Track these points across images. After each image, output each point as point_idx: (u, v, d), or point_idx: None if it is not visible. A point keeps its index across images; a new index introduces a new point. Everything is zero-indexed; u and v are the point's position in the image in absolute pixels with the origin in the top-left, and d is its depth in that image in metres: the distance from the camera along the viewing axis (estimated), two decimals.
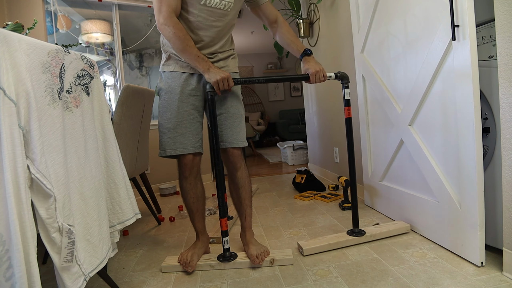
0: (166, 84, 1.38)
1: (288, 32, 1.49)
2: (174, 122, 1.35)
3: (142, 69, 3.62)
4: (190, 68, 1.37)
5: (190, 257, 1.37)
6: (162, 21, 1.24)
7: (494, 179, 1.24)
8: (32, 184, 0.79)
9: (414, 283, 1.14)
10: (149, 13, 3.28)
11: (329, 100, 2.86)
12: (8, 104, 0.73)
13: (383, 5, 1.72)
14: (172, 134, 1.35)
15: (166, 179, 3.11)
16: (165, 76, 1.40)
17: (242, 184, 1.45)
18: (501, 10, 1.08)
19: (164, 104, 1.37)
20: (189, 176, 1.41)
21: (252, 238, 1.46)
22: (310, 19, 3.13)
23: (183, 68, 1.37)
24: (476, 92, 1.17)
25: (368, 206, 2.10)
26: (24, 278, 0.72)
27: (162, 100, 1.39)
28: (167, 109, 1.36)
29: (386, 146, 1.82)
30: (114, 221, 1.19)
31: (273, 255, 1.38)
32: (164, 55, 1.43)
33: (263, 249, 1.38)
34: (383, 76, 1.80)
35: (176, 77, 1.37)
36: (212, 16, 1.31)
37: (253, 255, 1.35)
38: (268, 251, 1.40)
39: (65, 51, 0.96)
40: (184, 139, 1.35)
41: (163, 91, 1.38)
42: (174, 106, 1.35)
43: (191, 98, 1.37)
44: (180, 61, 1.37)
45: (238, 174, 1.44)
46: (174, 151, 1.36)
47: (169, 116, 1.35)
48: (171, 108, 1.35)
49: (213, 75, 1.27)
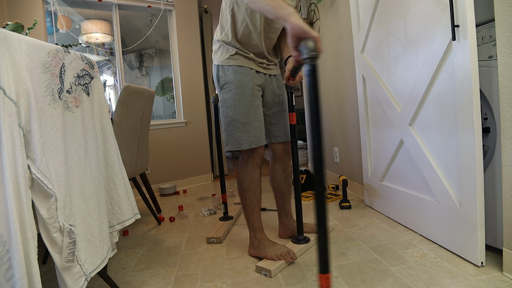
0: (236, 78, 1.37)
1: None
2: (248, 116, 1.36)
3: (142, 69, 3.63)
4: (257, 65, 1.42)
5: (282, 249, 1.37)
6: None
7: (494, 179, 1.24)
8: (33, 184, 0.79)
9: (414, 283, 1.14)
10: (149, 13, 3.29)
11: (329, 100, 2.86)
12: (8, 104, 0.73)
13: (383, 5, 1.72)
14: (246, 128, 1.36)
15: (166, 179, 3.11)
16: (232, 70, 1.38)
17: (290, 173, 1.60)
18: (501, 10, 1.08)
19: (237, 98, 1.36)
20: (260, 165, 1.44)
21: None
22: (310, 19, 3.13)
23: (251, 64, 1.40)
24: (476, 92, 1.17)
25: (368, 206, 2.10)
26: (24, 278, 0.72)
27: (232, 94, 1.37)
28: (240, 104, 1.36)
29: (386, 146, 1.82)
30: (114, 221, 1.19)
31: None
32: (225, 48, 1.40)
33: (310, 224, 1.66)
34: (383, 76, 1.80)
35: (247, 72, 1.38)
36: (272, 24, 1.37)
37: (313, 225, 1.64)
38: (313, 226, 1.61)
39: (65, 51, 0.96)
40: (257, 132, 1.39)
41: (233, 85, 1.36)
42: (247, 101, 1.36)
43: (258, 93, 1.43)
44: (247, 57, 1.39)
45: (290, 163, 1.59)
46: (249, 144, 1.37)
47: (242, 110, 1.36)
48: (244, 102, 1.36)
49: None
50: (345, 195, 2.16)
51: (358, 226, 1.76)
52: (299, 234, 1.54)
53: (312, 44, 0.79)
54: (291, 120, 1.47)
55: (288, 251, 1.36)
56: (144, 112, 1.97)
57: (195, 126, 3.35)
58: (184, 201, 2.66)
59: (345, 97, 2.51)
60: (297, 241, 1.53)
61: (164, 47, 3.52)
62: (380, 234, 1.62)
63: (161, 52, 3.62)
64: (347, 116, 2.51)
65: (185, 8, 3.30)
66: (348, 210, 2.06)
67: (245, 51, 1.38)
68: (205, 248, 1.62)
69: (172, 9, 3.23)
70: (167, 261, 1.50)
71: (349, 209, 2.07)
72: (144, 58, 3.62)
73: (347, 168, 2.61)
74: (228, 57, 1.39)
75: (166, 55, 3.52)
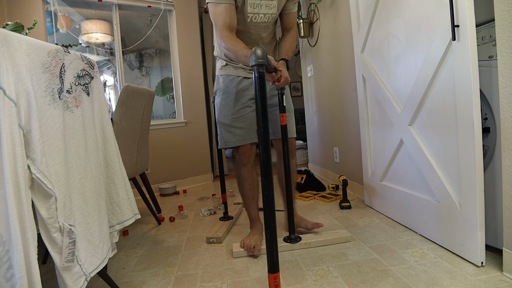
0: (223, 85, 1.54)
1: (290, 43, 1.60)
2: (231, 118, 1.51)
3: (142, 69, 3.63)
4: (247, 72, 1.54)
5: (254, 242, 1.47)
6: (218, 35, 1.39)
7: (494, 179, 1.24)
8: (33, 184, 0.79)
9: (414, 283, 1.14)
10: (149, 13, 3.29)
11: (329, 100, 2.86)
12: (8, 104, 0.73)
13: (383, 5, 1.72)
14: (230, 128, 1.52)
15: (166, 179, 3.11)
16: (222, 78, 1.56)
17: (294, 170, 1.66)
18: (501, 10, 1.08)
19: (222, 103, 1.54)
20: (247, 164, 1.56)
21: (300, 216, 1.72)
22: (310, 19, 3.13)
23: (239, 72, 1.54)
24: (476, 92, 1.17)
25: (368, 206, 2.10)
26: (24, 278, 0.72)
27: (219, 99, 1.55)
28: (224, 107, 1.53)
29: (386, 146, 1.82)
30: (113, 221, 1.19)
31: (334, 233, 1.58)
32: (220, 61, 1.60)
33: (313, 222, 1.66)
34: (383, 76, 1.80)
35: (233, 79, 1.54)
36: (258, 30, 1.49)
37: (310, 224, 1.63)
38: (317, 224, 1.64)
39: (65, 51, 0.96)
40: (242, 132, 1.52)
41: (220, 91, 1.55)
42: (231, 105, 1.51)
43: (245, 97, 1.53)
44: (235, 67, 1.54)
45: (293, 161, 1.66)
46: (234, 143, 1.52)
47: (226, 113, 1.52)
48: (228, 106, 1.52)
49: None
50: (345, 195, 2.16)
51: (358, 226, 1.76)
52: (290, 233, 1.55)
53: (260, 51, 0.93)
54: (282, 121, 1.49)
55: (255, 245, 1.45)
56: (144, 112, 1.97)
57: (195, 126, 3.35)
58: (184, 201, 2.66)
59: (345, 97, 2.51)
60: (287, 240, 1.55)
61: (164, 47, 3.52)
62: (380, 234, 1.62)
63: (161, 52, 3.62)
64: (347, 116, 2.51)
65: (185, 8, 3.30)
66: (348, 210, 2.07)
67: (234, 61, 1.52)
68: (205, 248, 1.62)
69: (172, 9, 3.23)
70: (167, 261, 1.50)
71: (349, 209, 2.07)
72: (144, 58, 3.62)
73: (347, 168, 2.61)
74: (220, 67, 1.58)
75: (166, 55, 3.52)
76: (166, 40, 3.36)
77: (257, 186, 1.61)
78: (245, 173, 1.57)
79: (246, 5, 1.40)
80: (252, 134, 1.55)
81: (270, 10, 1.46)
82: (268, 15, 1.47)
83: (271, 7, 1.46)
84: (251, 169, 1.59)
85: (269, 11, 1.46)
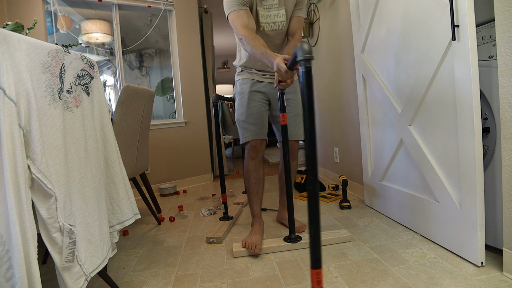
0: (240, 88, 1.68)
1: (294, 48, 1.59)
2: (245, 115, 1.63)
3: (142, 69, 3.62)
4: (260, 76, 1.66)
5: (255, 240, 1.50)
6: (238, 32, 1.45)
7: (494, 179, 1.24)
8: (33, 184, 0.79)
9: (414, 283, 1.14)
10: (149, 13, 3.28)
11: (329, 100, 2.86)
12: (8, 104, 0.73)
13: (383, 5, 1.72)
14: (245, 125, 1.63)
15: (166, 179, 3.11)
16: (239, 83, 1.71)
17: (294, 171, 1.75)
18: (501, 10, 1.08)
19: (239, 103, 1.67)
20: (255, 158, 1.63)
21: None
22: (310, 19, 3.13)
23: (253, 76, 1.67)
24: (476, 92, 1.17)
25: (368, 206, 2.10)
26: (24, 278, 0.72)
27: (237, 101, 1.69)
28: (240, 107, 1.66)
29: (386, 146, 1.82)
30: (114, 221, 1.19)
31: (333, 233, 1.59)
32: (237, 69, 1.75)
33: (301, 224, 1.74)
34: (383, 76, 1.80)
35: (248, 82, 1.67)
36: (270, 37, 1.59)
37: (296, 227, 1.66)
38: (305, 226, 1.72)
39: (65, 51, 0.96)
40: (255, 128, 1.62)
41: (238, 94, 1.69)
42: (245, 104, 1.64)
43: (258, 97, 1.64)
44: (250, 72, 1.68)
45: (294, 163, 1.76)
46: (247, 138, 1.62)
47: (242, 112, 1.64)
48: (243, 106, 1.64)
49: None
50: (345, 195, 2.16)
51: (358, 226, 1.76)
52: (290, 233, 1.56)
53: (307, 47, 0.91)
54: (282, 121, 1.53)
55: (256, 244, 1.48)
56: (144, 112, 1.96)
57: (195, 126, 3.35)
58: (184, 201, 2.66)
59: (345, 97, 2.51)
60: (287, 239, 1.55)
61: (164, 47, 3.52)
62: (380, 234, 1.62)
63: (161, 52, 3.62)
64: (347, 116, 2.51)
65: (185, 8, 3.30)
66: (348, 210, 2.07)
67: (248, 67, 1.68)
68: (205, 248, 1.62)
69: (172, 9, 3.23)
70: (167, 261, 1.50)
71: (349, 209, 2.07)
72: (144, 58, 3.62)
73: (347, 168, 2.61)
74: (237, 73, 1.74)
75: (166, 55, 3.52)
76: (166, 40, 3.36)
77: (262, 182, 1.66)
78: (252, 166, 1.63)
79: (259, 17, 1.54)
80: (263, 131, 1.64)
81: (279, 18, 1.57)
82: (278, 23, 1.57)
83: (280, 16, 1.57)
84: (259, 164, 1.65)
85: (279, 19, 1.57)
